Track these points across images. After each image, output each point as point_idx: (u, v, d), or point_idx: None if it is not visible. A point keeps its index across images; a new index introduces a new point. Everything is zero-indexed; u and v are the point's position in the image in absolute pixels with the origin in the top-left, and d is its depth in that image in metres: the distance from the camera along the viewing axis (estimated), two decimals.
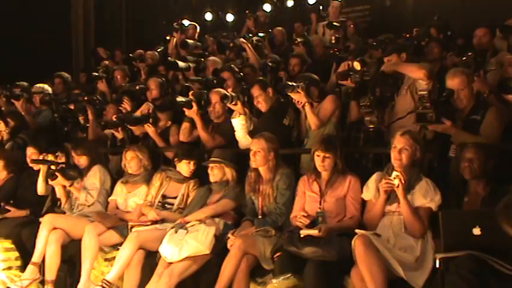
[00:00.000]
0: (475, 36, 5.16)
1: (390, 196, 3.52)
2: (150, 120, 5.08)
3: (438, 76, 4.32)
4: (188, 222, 4.05)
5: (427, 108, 3.72)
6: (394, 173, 3.41)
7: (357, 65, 4.29)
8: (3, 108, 6.59)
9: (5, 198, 5.24)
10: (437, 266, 3.03)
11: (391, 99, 4.34)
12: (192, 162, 4.51)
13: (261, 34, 7.18)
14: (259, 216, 4.04)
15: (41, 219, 4.58)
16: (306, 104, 4.38)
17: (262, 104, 4.71)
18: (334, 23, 6.84)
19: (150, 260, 3.99)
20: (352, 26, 7.30)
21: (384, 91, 4.14)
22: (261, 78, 5.18)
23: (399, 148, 3.54)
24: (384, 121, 4.21)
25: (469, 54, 4.56)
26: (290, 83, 4.40)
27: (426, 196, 3.47)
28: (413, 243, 3.38)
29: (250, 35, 7.01)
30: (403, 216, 3.44)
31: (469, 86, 3.92)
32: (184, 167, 4.52)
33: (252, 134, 4.51)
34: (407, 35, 6.58)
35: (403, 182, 3.37)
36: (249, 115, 4.72)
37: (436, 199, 3.46)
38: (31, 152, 5.27)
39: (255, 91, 4.71)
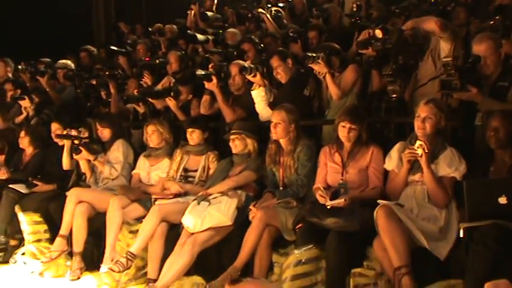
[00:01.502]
0: None
1: (413, 166, 3.46)
2: (171, 93, 5.08)
3: (464, 42, 4.19)
4: (210, 195, 4.08)
5: (452, 75, 3.61)
6: (418, 142, 3.34)
7: (378, 33, 4.17)
8: (28, 85, 6.69)
9: (32, 173, 5.35)
10: (462, 235, 2.99)
11: (414, 67, 4.23)
12: (197, 131, 4.52)
13: (280, 4, 7.06)
14: (281, 188, 4.04)
15: (67, 193, 4.68)
16: (327, 74, 4.31)
17: (281, 75, 4.65)
18: None
19: (173, 232, 4.04)
20: None
21: (406, 59, 4.03)
22: (280, 48, 5.11)
23: (423, 117, 3.46)
24: (406, 89, 4.11)
25: (497, 17, 4.39)
26: (310, 54, 4.32)
27: (451, 165, 3.40)
28: (436, 213, 3.33)
29: (269, 5, 6.90)
30: (427, 186, 3.38)
31: (496, 51, 3.78)
32: (189, 136, 4.57)
33: (272, 105, 4.47)
34: (432, 0, 6.37)
35: (426, 151, 3.31)
36: (268, 87, 4.67)
37: (460, 168, 3.39)
38: (55, 128, 5.34)
39: (274, 62, 4.65)
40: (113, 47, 6.96)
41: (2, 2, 9.01)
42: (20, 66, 7.08)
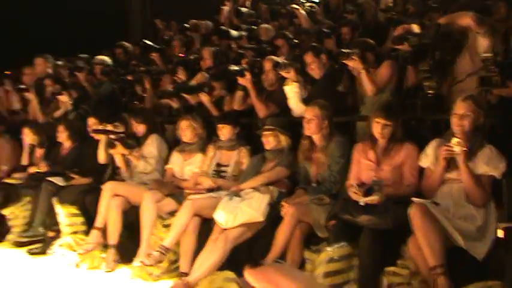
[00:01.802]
0: None
1: (450, 163, 3.38)
2: (205, 89, 5.12)
3: (504, 37, 4.06)
4: (242, 190, 4.09)
5: (492, 71, 3.51)
6: (455, 140, 3.26)
7: (415, 28, 4.10)
8: (66, 80, 6.84)
9: (70, 166, 5.46)
10: (500, 235, 2.91)
11: (451, 63, 4.12)
12: (227, 127, 4.53)
13: (315, 0, 7.03)
14: (313, 184, 4.01)
15: (102, 187, 4.77)
16: (362, 70, 4.26)
17: (315, 71, 4.62)
18: None
19: (206, 226, 4.06)
20: None
21: (443, 54, 3.94)
22: (314, 44, 5.07)
23: (461, 114, 3.37)
24: (443, 86, 4.02)
25: None
26: (344, 51, 4.28)
27: (489, 164, 3.30)
28: (474, 212, 3.25)
29: (304, 0, 6.87)
30: (464, 184, 3.30)
31: None
32: (219, 132, 4.59)
33: (305, 101, 4.44)
34: None
35: (464, 148, 3.23)
36: (302, 82, 4.65)
37: (500, 166, 3.29)
38: (92, 122, 5.44)
39: (308, 58, 4.63)
40: (146, 42, 7.05)
41: (40, 1, 9.27)
42: (59, 62, 7.27)
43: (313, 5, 6.76)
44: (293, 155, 4.23)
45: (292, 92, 4.60)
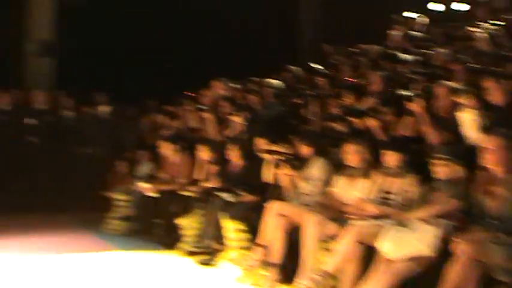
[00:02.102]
0: None
1: None
2: (373, 113, 5.04)
3: None
4: (409, 220, 3.89)
5: None
6: None
7: None
8: (240, 102, 7.28)
9: (238, 183, 5.74)
10: None
11: None
12: (392, 153, 4.35)
13: (497, 22, 6.54)
14: (491, 220, 3.66)
15: (267, 205, 4.91)
16: None
17: (496, 97, 4.27)
18: None
19: (369, 254, 3.95)
20: None
21: None
22: (494, 68, 4.71)
23: None
24: None
25: None
26: None
27: None
28: None
29: (482, 23, 6.44)
30: None
31: None
32: (385, 158, 4.43)
33: (485, 130, 4.11)
34: None
35: None
36: (480, 109, 4.32)
37: None
38: (261, 143, 5.68)
39: (488, 83, 4.30)
40: (312, 65, 7.21)
41: (216, 29, 10.13)
42: (233, 85, 7.79)
43: (495, 27, 6.28)
44: (467, 187, 3.92)
45: (469, 119, 4.30)
